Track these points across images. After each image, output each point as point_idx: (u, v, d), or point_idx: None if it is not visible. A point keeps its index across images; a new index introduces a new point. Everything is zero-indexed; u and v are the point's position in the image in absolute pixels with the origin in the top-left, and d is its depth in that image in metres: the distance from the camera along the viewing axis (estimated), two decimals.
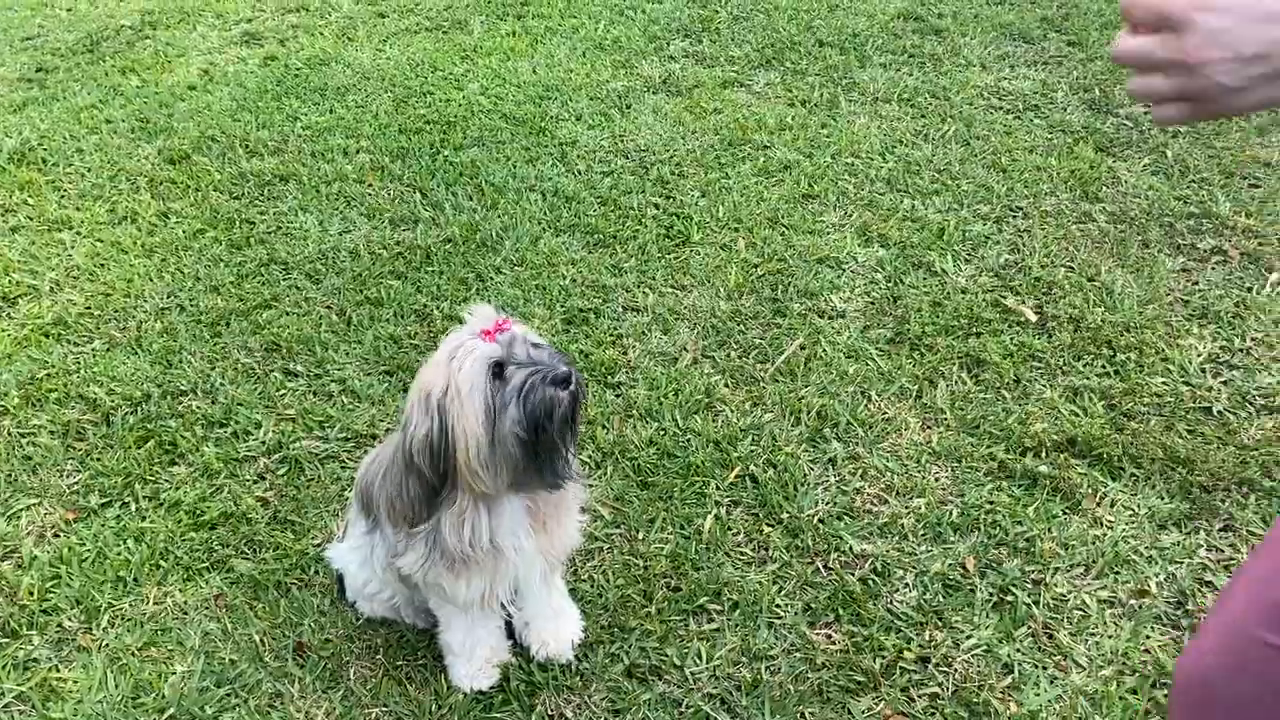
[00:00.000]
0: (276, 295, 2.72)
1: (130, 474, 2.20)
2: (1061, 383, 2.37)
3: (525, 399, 1.39)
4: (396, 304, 2.67)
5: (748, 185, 3.18)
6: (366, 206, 3.11)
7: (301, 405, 2.35)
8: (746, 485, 2.13)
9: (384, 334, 2.56)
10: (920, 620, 1.84)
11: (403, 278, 2.77)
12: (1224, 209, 2.93)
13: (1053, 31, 4.14)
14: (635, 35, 4.24)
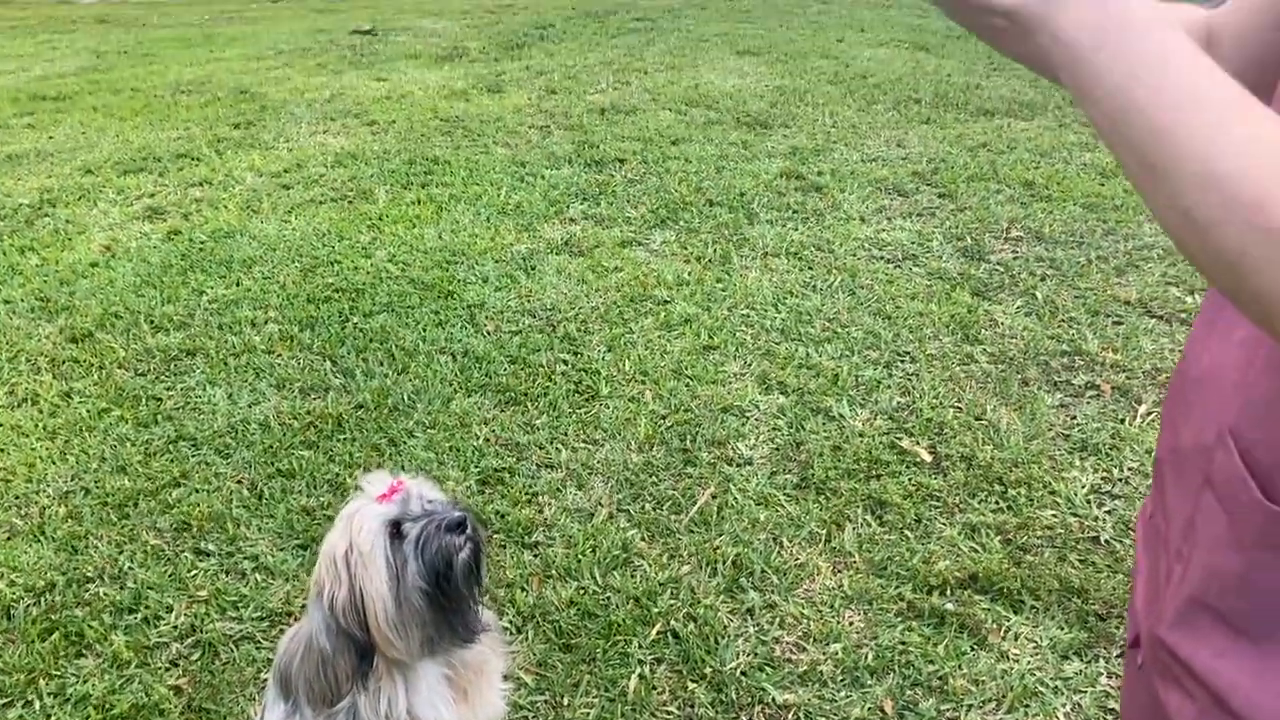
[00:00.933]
0: (186, 472, 2.70)
1: (34, 670, 2.13)
2: (959, 520, 2.48)
3: (423, 550, 1.43)
4: (309, 475, 2.67)
5: (651, 339, 3.30)
6: (276, 377, 3.13)
7: (214, 585, 2.32)
8: (669, 641, 2.16)
9: (297, 506, 2.56)
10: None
11: (315, 447, 2.79)
12: (1093, 346, 3.16)
13: (924, 185, 4.45)
14: (536, 200, 4.42)
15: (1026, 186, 4.37)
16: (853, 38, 7.21)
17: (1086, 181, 4.40)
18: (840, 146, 4.95)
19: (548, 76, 6.43)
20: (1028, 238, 3.92)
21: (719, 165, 4.77)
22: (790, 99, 5.75)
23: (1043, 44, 0.63)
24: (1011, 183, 4.42)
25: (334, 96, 6.17)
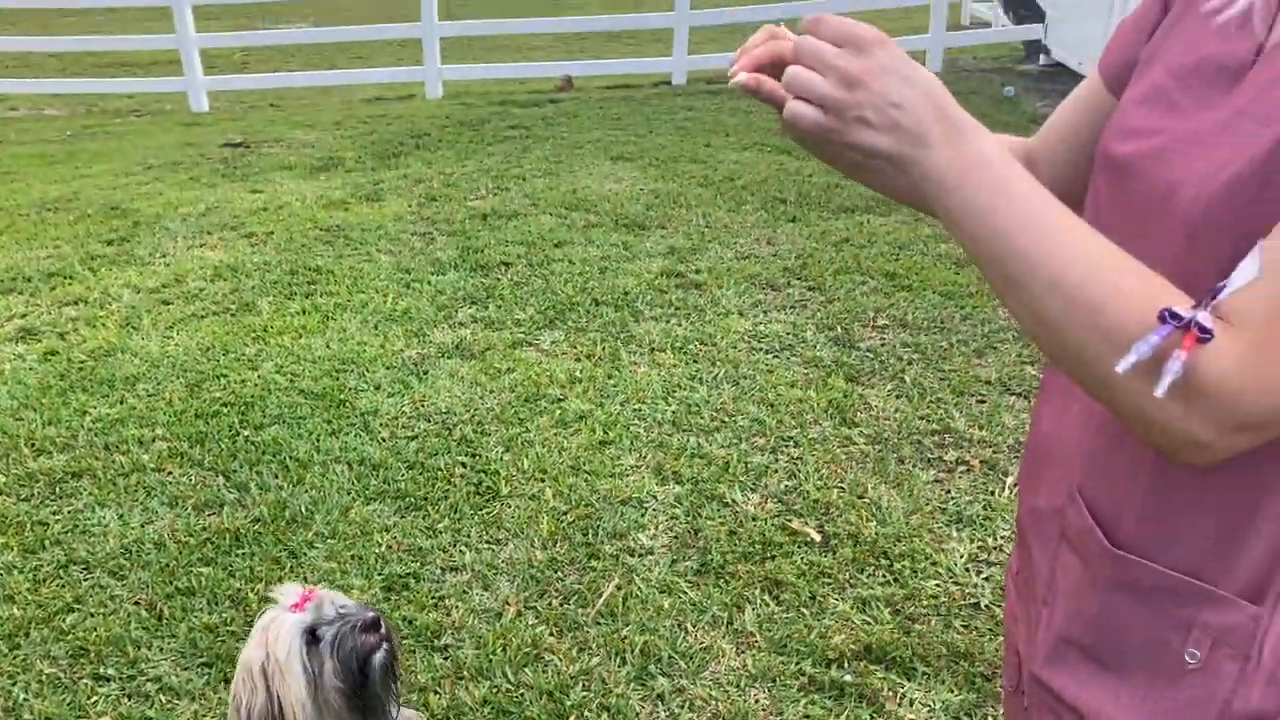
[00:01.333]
0: (79, 597, 2.63)
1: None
2: (850, 595, 2.62)
3: (339, 651, 1.49)
4: (210, 591, 2.64)
5: (548, 437, 3.39)
6: (168, 495, 3.09)
7: (117, 710, 2.27)
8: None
9: (199, 624, 2.52)
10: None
11: (213, 564, 2.76)
12: (960, 424, 3.39)
13: (795, 279, 4.71)
14: (424, 305, 4.50)
15: (889, 277, 4.67)
16: (719, 142, 7.59)
17: (943, 271, 4.73)
18: (715, 245, 5.20)
19: (427, 184, 6.56)
20: (893, 325, 4.19)
21: (602, 266, 4.94)
22: (665, 201, 6.01)
23: (913, 180, 0.78)
24: (875, 274, 4.71)
25: (209, 210, 6.15)
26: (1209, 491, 0.81)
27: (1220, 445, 0.72)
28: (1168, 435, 0.73)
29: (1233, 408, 0.70)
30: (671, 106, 9.21)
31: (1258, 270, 0.70)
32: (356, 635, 1.51)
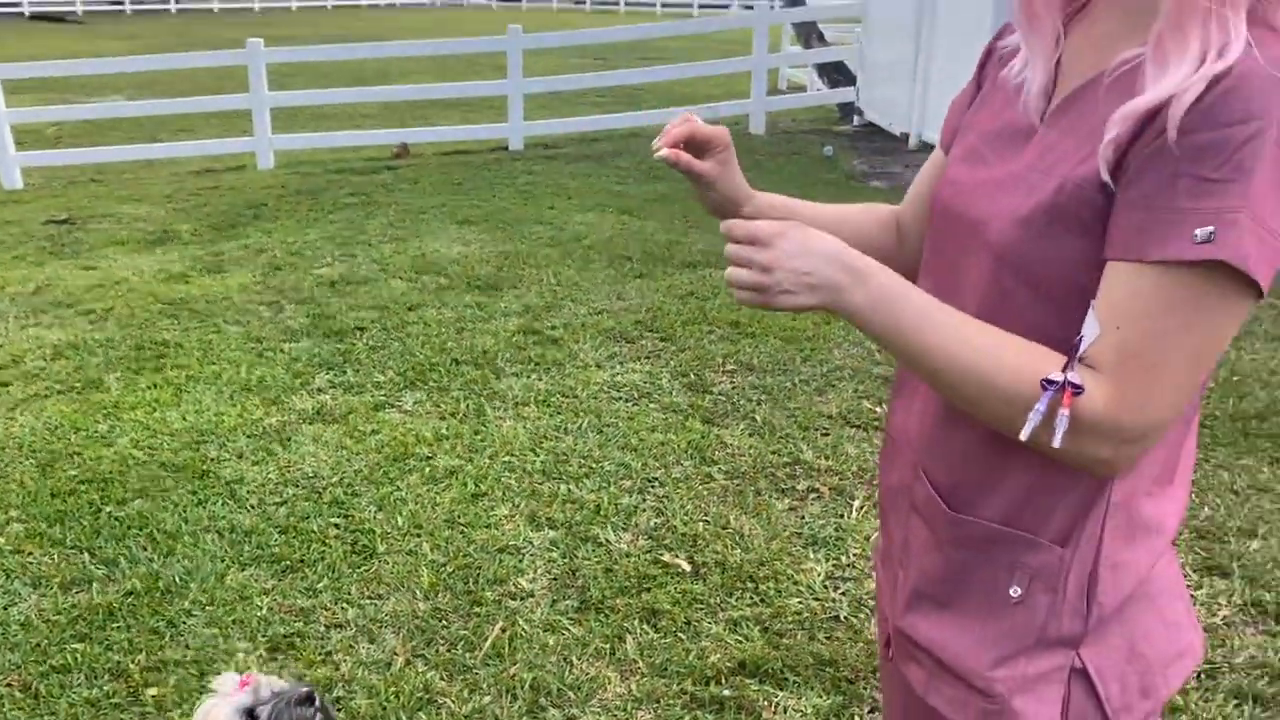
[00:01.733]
0: None
1: None
2: (722, 617, 2.80)
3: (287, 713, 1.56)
4: (87, 667, 2.60)
5: (420, 494, 3.46)
6: (30, 576, 3.01)
7: None
8: None
9: (79, 699, 2.48)
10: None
11: (88, 639, 2.71)
12: (809, 456, 3.65)
13: (647, 331, 4.94)
14: (280, 374, 4.50)
15: (733, 326, 4.96)
16: (562, 204, 7.82)
17: (781, 319, 5.05)
18: (568, 302, 5.39)
19: (269, 254, 6.51)
20: (741, 369, 4.46)
21: (458, 327, 5.05)
22: (515, 262, 6.17)
23: (841, 314, 1.00)
24: (720, 324, 4.99)
25: (40, 289, 5.94)
26: (1025, 466, 1.03)
27: (1119, 457, 0.94)
28: (1078, 462, 0.95)
29: (1115, 432, 0.92)
30: (511, 171, 9.42)
31: (1097, 328, 0.92)
32: (293, 709, 1.59)
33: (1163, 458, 1.03)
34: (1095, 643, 1.05)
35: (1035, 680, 1.05)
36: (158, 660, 2.64)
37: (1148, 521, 1.04)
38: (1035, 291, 0.99)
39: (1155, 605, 1.08)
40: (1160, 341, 0.89)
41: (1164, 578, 1.09)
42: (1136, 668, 1.07)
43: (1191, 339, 0.89)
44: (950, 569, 1.10)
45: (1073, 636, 1.04)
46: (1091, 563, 1.03)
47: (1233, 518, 3.24)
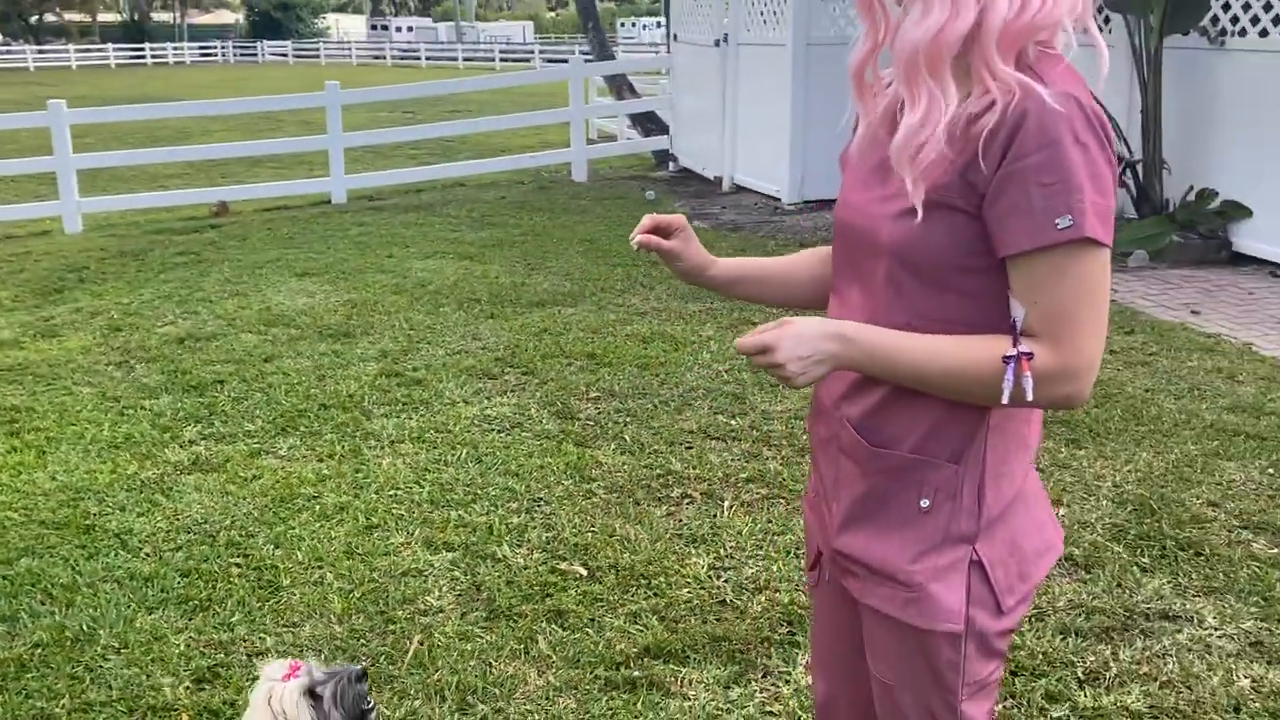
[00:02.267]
0: None
1: None
2: (622, 612, 3.08)
3: (341, 701, 1.76)
4: (10, 714, 2.62)
5: (314, 530, 3.59)
6: None
7: None
8: None
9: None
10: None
11: (3, 690, 2.72)
12: (678, 467, 3.99)
13: (508, 367, 5.19)
14: (146, 429, 4.49)
15: (590, 358, 5.27)
16: (400, 253, 7.96)
17: (634, 348, 5.41)
18: (425, 345, 5.57)
19: (105, 315, 6.38)
20: (604, 396, 4.77)
21: (319, 374, 5.15)
22: (363, 310, 6.29)
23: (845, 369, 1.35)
24: (578, 356, 5.30)
25: None
26: (925, 408, 1.37)
27: (1079, 390, 1.30)
28: (1051, 404, 1.32)
29: (1067, 374, 1.28)
30: (341, 223, 9.47)
31: (1021, 308, 1.29)
32: (354, 685, 1.78)
33: None
34: (985, 539, 1.40)
35: (944, 570, 1.40)
36: (82, 703, 2.69)
37: (1018, 440, 1.41)
38: (919, 280, 1.35)
39: (1028, 509, 1.45)
40: (1067, 300, 1.27)
41: (1033, 488, 1.47)
42: (1016, 558, 1.43)
43: (1085, 290, 1.27)
44: (873, 493, 1.44)
45: (969, 534, 1.40)
46: (980, 476, 1.39)
47: (1045, 484, 3.78)
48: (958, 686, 1.44)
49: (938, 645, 1.42)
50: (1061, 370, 1.28)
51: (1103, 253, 1.28)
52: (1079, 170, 1.23)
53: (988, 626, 1.42)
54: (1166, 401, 4.70)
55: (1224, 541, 3.46)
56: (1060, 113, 1.23)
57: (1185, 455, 4.11)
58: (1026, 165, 1.24)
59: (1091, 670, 2.80)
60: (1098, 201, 1.25)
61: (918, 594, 1.41)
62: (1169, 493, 3.79)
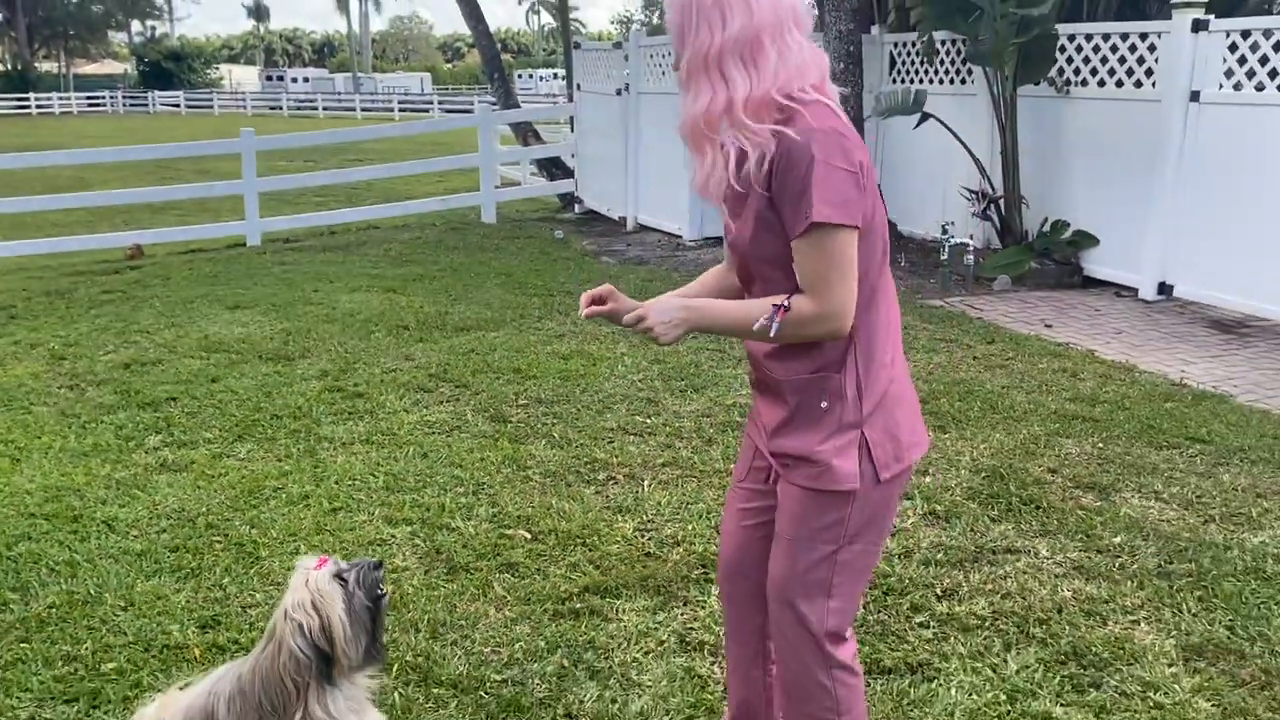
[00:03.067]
0: None
1: None
2: (564, 563, 3.63)
3: (363, 583, 2.27)
4: (40, 657, 3.02)
5: (284, 513, 4.05)
6: None
7: None
8: (408, 667, 2.99)
9: (46, 678, 2.92)
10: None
11: (30, 640, 3.12)
12: (602, 456, 4.57)
13: (442, 382, 5.71)
14: (110, 439, 4.87)
15: (516, 372, 5.83)
16: (325, 287, 8.39)
17: (556, 363, 5.99)
18: (361, 365, 6.05)
19: (45, 347, 6.66)
20: (532, 403, 5.33)
21: (264, 391, 5.58)
22: (298, 337, 6.72)
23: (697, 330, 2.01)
24: (505, 371, 5.85)
25: None
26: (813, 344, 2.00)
27: (839, 325, 1.93)
28: (823, 335, 1.95)
29: (825, 315, 1.92)
30: (262, 263, 9.83)
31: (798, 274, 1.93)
32: (372, 572, 2.30)
33: (867, 322, 2.03)
34: (869, 427, 2.04)
35: (842, 449, 2.03)
36: (102, 645, 3.12)
37: (876, 356, 2.05)
38: (771, 267, 2.00)
39: (899, 407, 2.09)
40: (819, 266, 1.91)
41: (901, 392, 2.10)
42: (892, 442, 2.06)
43: (829, 258, 1.90)
44: (790, 405, 2.07)
45: (857, 422, 2.03)
46: (856, 381, 2.02)
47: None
48: (839, 537, 2.07)
49: (834, 503, 2.05)
50: (820, 314, 1.93)
51: (839, 232, 1.89)
52: (819, 180, 1.87)
53: (869, 494, 2.05)
54: (1018, 395, 5.48)
55: (1059, 498, 4.18)
56: (802, 144, 1.87)
57: (1031, 435, 4.87)
58: (785, 183, 1.90)
59: (948, 589, 3.46)
60: (829, 198, 1.87)
61: (824, 466, 2.03)
62: (1016, 463, 4.52)
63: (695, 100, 1.93)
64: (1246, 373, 6.09)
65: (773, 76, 1.90)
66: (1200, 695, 2.87)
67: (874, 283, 2.01)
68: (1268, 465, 4.54)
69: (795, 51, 1.93)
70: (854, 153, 1.89)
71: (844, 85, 9.86)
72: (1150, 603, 3.37)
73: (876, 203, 1.97)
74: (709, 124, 1.94)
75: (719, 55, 1.91)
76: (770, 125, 1.90)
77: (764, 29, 1.90)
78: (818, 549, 2.08)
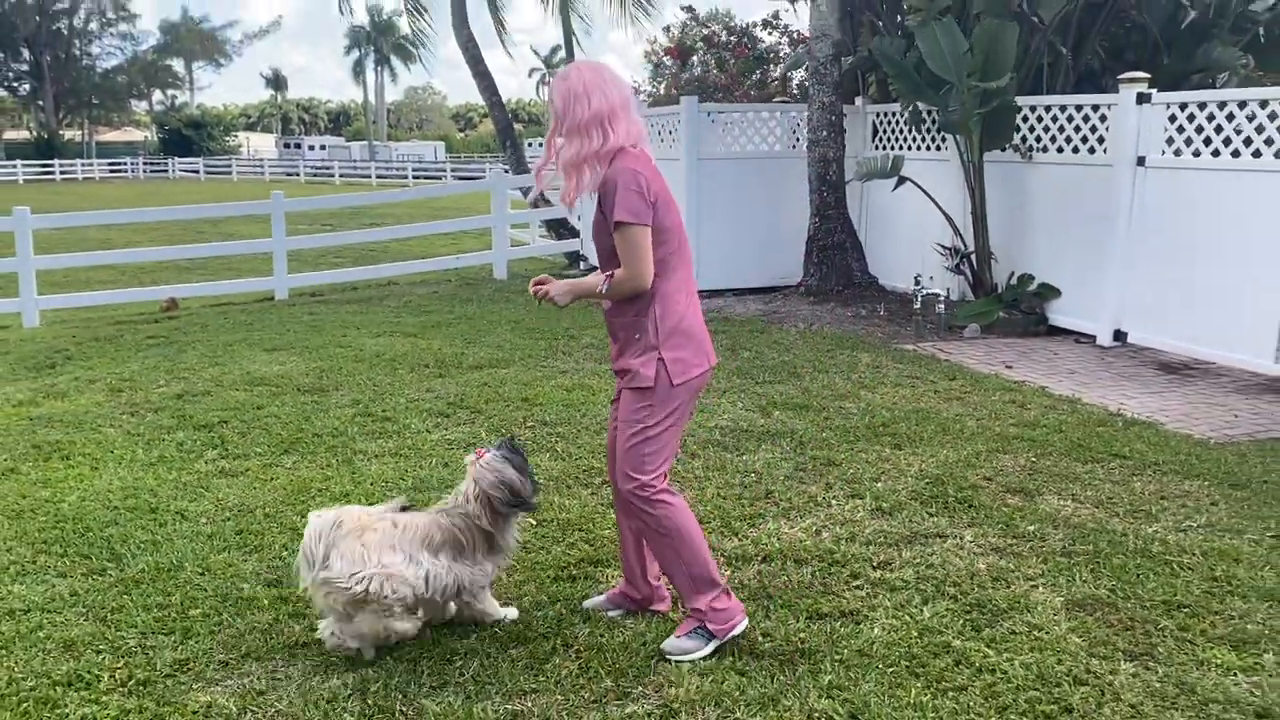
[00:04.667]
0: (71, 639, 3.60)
1: None
2: (564, 543, 4.33)
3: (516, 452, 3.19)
4: (141, 603, 3.74)
5: (332, 505, 4.76)
6: (54, 571, 4.06)
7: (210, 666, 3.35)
8: None
9: (149, 618, 3.63)
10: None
11: (132, 592, 3.84)
12: (598, 465, 5.30)
13: (458, 409, 6.46)
14: (173, 453, 5.62)
15: (525, 401, 6.58)
16: (352, 333, 9.19)
17: (559, 394, 6.74)
18: (389, 396, 6.81)
19: (103, 382, 7.43)
20: (538, 424, 6.07)
21: (304, 416, 6.33)
22: (331, 373, 7.49)
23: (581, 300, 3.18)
24: (514, 401, 6.60)
25: None
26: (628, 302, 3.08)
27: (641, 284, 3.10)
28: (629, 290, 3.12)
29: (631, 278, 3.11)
30: (292, 314, 10.65)
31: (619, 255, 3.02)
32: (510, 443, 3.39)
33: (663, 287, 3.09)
34: (665, 349, 3.12)
35: (646, 363, 3.10)
36: (189, 597, 3.84)
37: (670, 308, 3.16)
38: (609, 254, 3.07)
39: (687, 339, 3.18)
40: (624, 248, 3.08)
41: (690, 329, 3.18)
42: (680, 360, 3.14)
43: (629, 245, 3.09)
44: (622, 339, 3.14)
45: (656, 345, 3.09)
46: (656, 319, 3.08)
47: (869, 471, 5.20)
48: (648, 417, 3.17)
49: (643, 396, 3.16)
50: (629, 277, 3.07)
51: (632, 228, 3.06)
52: (621, 194, 3.02)
53: (664, 391, 3.15)
54: (969, 421, 6.21)
55: (989, 499, 4.89)
56: (614, 177, 3.03)
57: (974, 451, 5.59)
58: (604, 197, 3.04)
59: (883, 561, 4.16)
60: (626, 208, 3.02)
61: (636, 374, 3.12)
62: (957, 472, 5.24)
63: (569, 149, 3.18)
64: (1179, 405, 6.81)
65: (619, 136, 3.17)
66: (1074, 633, 3.57)
67: (670, 261, 3.19)
68: (1175, 475, 5.25)
69: (634, 122, 3.21)
70: (643, 181, 3.10)
71: (827, 150, 10.81)
72: (1050, 572, 4.07)
73: (667, 212, 3.17)
74: (576, 165, 3.18)
75: (587, 124, 3.15)
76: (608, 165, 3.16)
77: (616, 107, 3.17)
78: (635, 426, 3.24)
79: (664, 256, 3.16)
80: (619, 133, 3.14)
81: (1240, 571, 4.06)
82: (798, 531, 4.48)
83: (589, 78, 3.18)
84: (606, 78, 3.20)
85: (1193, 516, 4.66)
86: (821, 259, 11.01)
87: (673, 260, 3.20)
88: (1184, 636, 3.55)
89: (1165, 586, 3.92)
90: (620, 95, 3.18)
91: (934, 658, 3.40)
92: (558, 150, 3.22)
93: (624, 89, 3.21)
